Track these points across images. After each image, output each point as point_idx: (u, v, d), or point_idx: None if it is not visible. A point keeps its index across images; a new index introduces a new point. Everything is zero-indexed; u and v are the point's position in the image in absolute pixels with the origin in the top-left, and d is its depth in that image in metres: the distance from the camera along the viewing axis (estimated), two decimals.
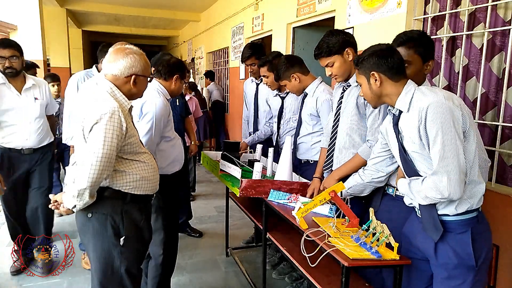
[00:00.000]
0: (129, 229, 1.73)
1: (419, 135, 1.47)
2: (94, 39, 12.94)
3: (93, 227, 1.69)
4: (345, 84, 2.25)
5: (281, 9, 4.88)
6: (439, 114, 1.40)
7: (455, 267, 1.49)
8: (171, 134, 2.42)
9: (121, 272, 1.73)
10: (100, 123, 1.56)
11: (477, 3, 2.40)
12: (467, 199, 1.46)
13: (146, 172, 1.77)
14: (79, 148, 1.67)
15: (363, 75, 1.65)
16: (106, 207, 1.69)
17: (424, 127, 1.44)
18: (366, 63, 1.62)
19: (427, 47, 1.75)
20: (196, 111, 4.97)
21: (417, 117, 1.46)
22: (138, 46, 1.83)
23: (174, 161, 2.39)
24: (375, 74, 1.59)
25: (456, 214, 1.48)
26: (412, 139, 1.51)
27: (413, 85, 1.56)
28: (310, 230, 1.72)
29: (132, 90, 1.75)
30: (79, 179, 1.56)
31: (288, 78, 2.65)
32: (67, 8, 8.31)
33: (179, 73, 2.43)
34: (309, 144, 2.68)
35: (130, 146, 1.70)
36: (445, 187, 1.39)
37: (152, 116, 2.20)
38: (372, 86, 1.61)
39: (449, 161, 1.39)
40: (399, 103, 1.56)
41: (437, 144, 1.41)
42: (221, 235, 3.60)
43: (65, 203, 1.64)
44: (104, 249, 1.70)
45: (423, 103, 1.45)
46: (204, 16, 9.16)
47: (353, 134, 2.15)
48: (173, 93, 2.49)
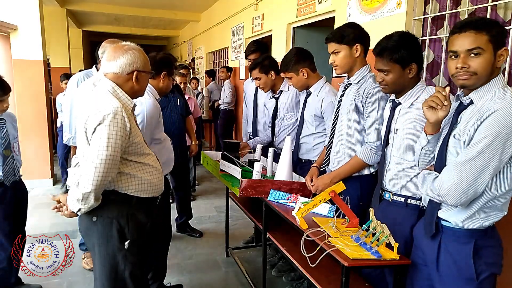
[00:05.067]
0: (134, 232, 1.70)
1: (467, 132, 1.39)
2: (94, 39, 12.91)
3: (98, 231, 1.67)
4: (347, 83, 2.25)
5: (281, 9, 4.88)
6: (497, 125, 1.29)
7: (453, 278, 1.45)
8: (161, 135, 2.37)
9: (125, 276, 1.71)
10: (103, 124, 1.53)
11: (477, 3, 2.40)
12: (479, 220, 1.40)
13: (151, 175, 1.75)
14: (81, 149, 1.65)
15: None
16: (111, 211, 1.66)
17: (476, 128, 1.34)
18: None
19: (407, 52, 1.75)
20: (195, 110, 4.97)
21: (477, 116, 1.36)
22: None
23: (165, 164, 2.32)
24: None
25: (461, 226, 1.43)
26: (460, 135, 1.42)
27: (500, 83, 1.39)
28: (310, 230, 1.72)
29: (135, 87, 1.72)
30: (83, 182, 1.54)
31: (297, 71, 2.58)
32: (67, 8, 8.31)
33: (166, 70, 2.38)
34: (311, 145, 2.67)
35: (135, 146, 1.67)
36: (446, 187, 1.36)
37: (142, 118, 2.15)
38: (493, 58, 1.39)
39: (470, 171, 1.32)
40: (475, 94, 1.41)
41: (474, 148, 1.33)
42: (221, 235, 3.60)
43: (70, 206, 1.62)
44: (108, 253, 1.68)
45: (494, 105, 1.32)
46: (204, 16, 9.16)
47: (351, 134, 2.16)
48: (161, 91, 2.42)
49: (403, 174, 1.82)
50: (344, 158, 2.19)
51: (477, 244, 1.42)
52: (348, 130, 2.16)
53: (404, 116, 1.83)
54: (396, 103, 1.88)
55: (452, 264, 1.45)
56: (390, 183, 1.87)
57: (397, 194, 1.84)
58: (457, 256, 1.44)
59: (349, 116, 2.15)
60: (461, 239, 1.44)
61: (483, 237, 1.43)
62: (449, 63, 1.45)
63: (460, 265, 1.43)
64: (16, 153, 2.56)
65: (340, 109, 2.24)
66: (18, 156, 2.60)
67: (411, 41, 1.79)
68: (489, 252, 1.44)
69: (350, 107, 2.14)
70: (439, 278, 1.50)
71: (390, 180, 1.87)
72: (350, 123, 2.15)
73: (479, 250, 1.42)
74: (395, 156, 1.85)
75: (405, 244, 1.74)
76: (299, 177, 2.51)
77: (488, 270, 1.42)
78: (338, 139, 2.23)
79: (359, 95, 2.11)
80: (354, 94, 2.13)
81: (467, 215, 1.41)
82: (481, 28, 1.36)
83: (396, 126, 1.85)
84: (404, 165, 1.81)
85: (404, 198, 1.81)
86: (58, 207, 1.71)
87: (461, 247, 1.44)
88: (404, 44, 1.76)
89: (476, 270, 1.41)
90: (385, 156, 1.91)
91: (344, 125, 2.19)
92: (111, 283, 1.71)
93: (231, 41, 7.06)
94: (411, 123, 1.78)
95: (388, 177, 1.88)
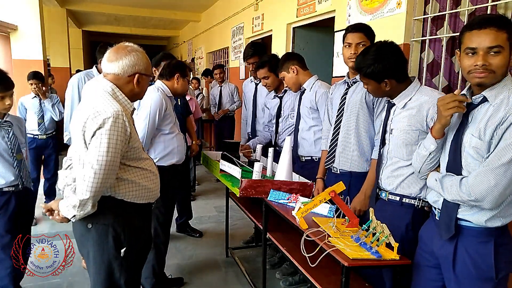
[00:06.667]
0: (130, 240, 1.65)
1: (492, 134, 1.35)
2: (94, 39, 12.93)
3: (93, 239, 1.61)
4: (350, 81, 2.27)
5: (281, 9, 4.88)
6: None
7: (471, 278, 1.42)
8: (170, 128, 2.54)
9: (120, 283, 1.67)
10: (103, 128, 1.47)
11: (477, 3, 2.41)
12: (500, 218, 1.39)
13: (149, 180, 1.71)
14: (77, 151, 1.57)
15: None
16: (107, 218, 1.60)
17: (506, 128, 1.31)
18: None
19: (381, 67, 1.77)
20: (196, 111, 4.96)
21: (502, 115, 1.32)
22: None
23: (172, 153, 2.52)
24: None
25: (483, 225, 1.41)
26: (480, 134, 1.38)
27: (511, 80, 1.39)
28: (310, 230, 1.72)
29: (135, 90, 1.66)
30: (81, 188, 1.47)
31: (287, 69, 2.74)
32: (67, 8, 8.30)
33: (179, 72, 2.64)
34: (312, 140, 2.69)
35: (134, 151, 1.63)
36: (482, 191, 1.33)
37: (148, 111, 2.35)
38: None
39: (507, 174, 1.31)
40: (489, 92, 1.39)
41: (507, 152, 1.30)
42: (221, 235, 3.60)
43: (63, 211, 1.54)
44: (104, 261, 1.63)
45: None
46: (204, 16, 9.16)
47: (360, 132, 2.18)
48: (177, 91, 2.67)
49: (398, 173, 1.83)
50: (353, 155, 2.21)
51: (496, 242, 1.40)
52: (357, 127, 2.19)
53: (398, 116, 1.85)
54: (391, 104, 1.90)
55: (471, 264, 1.42)
56: (386, 182, 1.88)
57: (392, 193, 1.85)
58: (476, 255, 1.42)
59: (358, 113, 2.18)
60: (481, 238, 1.42)
61: (500, 235, 1.42)
62: (464, 60, 1.41)
63: (479, 264, 1.41)
64: (24, 159, 2.45)
65: (346, 107, 2.26)
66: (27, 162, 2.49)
67: (389, 53, 1.79)
68: (506, 250, 1.42)
69: (359, 105, 2.18)
70: (455, 279, 1.46)
71: (386, 179, 1.88)
72: (358, 120, 2.18)
73: (498, 249, 1.40)
74: (391, 156, 1.87)
75: (401, 243, 1.73)
76: (299, 177, 2.51)
77: (506, 269, 1.41)
78: (344, 137, 2.25)
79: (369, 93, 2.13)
80: (364, 92, 2.15)
81: (491, 214, 1.39)
82: (503, 25, 1.32)
83: (391, 126, 1.87)
84: (399, 164, 1.83)
85: (399, 197, 1.82)
86: (49, 213, 1.63)
87: (481, 246, 1.42)
88: (378, 59, 1.78)
89: (496, 269, 1.39)
90: (381, 156, 1.93)
91: (352, 122, 2.21)
92: None
93: (231, 41, 7.06)
94: (404, 122, 1.80)
95: (384, 176, 1.89)
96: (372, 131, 2.18)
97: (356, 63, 1.89)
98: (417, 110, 1.77)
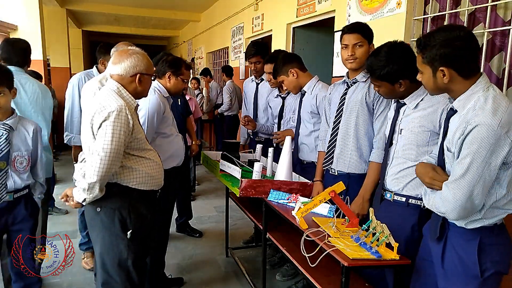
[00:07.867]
0: (135, 223, 1.82)
1: (455, 144, 1.40)
2: (94, 39, 12.92)
3: (102, 221, 1.79)
4: (350, 81, 2.25)
5: (281, 9, 4.88)
6: (479, 141, 1.30)
7: (458, 275, 1.46)
8: (169, 130, 2.48)
9: (128, 265, 1.82)
10: (108, 120, 1.66)
11: (477, 3, 2.41)
12: (482, 219, 1.41)
13: (152, 168, 1.86)
14: (87, 144, 1.76)
15: (427, 66, 1.45)
16: (114, 202, 1.78)
17: (462, 141, 1.36)
18: (433, 53, 1.41)
19: (395, 67, 1.77)
20: (196, 111, 4.96)
21: (462, 127, 1.36)
22: (138, 46, 1.91)
23: (172, 156, 2.48)
24: (444, 70, 1.40)
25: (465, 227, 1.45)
26: (449, 146, 1.46)
27: (481, 87, 1.39)
28: (310, 230, 1.72)
29: (138, 88, 1.84)
30: (89, 173, 1.66)
31: (286, 73, 2.69)
32: (67, 8, 8.30)
33: (171, 71, 2.49)
34: (313, 146, 2.67)
35: (137, 142, 1.80)
36: (445, 205, 1.40)
37: (145, 113, 2.30)
38: (438, 81, 1.45)
39: (462, 188, 1.35)
40: (458, 103, 1.44)
41: (462, 164, 1.35)
42: (221, 235, 3.60)
43: (75, 196, 1.74)
44: (112, 242, 1.80)
45: (475, 118, 1.32)
46: (204, 16, 9.16)
47: (359, 133, 2.16)
48: (170, 90, 2.55)
49: (405, 174, 1.82)
50: (351, 156, 2.20)
51: (483, 241, 1.43)
52: (356, 128, 2.17)
53: (409, 117, 1.84)
54: (401, 104, 1.89)
55: (458, 260, 1.46)
56: (391, 183, 1.87)
57: (398, 194, 1.84)
58: (462, 253, 1.45)
59: (358, 114, 2.16)
60: (466, 236, 1.45)
61: (489, 235, 1.43)
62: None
63: (465, 261, 1.44)
64: (20, 170, 2.09)
65: (345, 107, 2.24)
66: (23, 175, 2.11)
67: (401, 53, 1.79)
68: (495, 250, 1.44)
69: (359, 105, 2.15)
70: (444, 275, 1.51)
71: (391, 180, 1.87)
72: (358, 121, 2.16)
73: (485, 248, 1.43)
74: (398, 156, 1.86)
75: (406, 244, 1.74)
76: (299, 177, 2.51)
77: (493, 268, 1.42)
78: (343, 137, 2.23)
79: (370, 94, 2.13)
80: (364, 93, 2.14)
81: (471, 219, 1.42)
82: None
83: (401, 126, 1.86)
84: (406, 164, 1.82)
85: (406, 198, 1.82)
86: (66, 198, 1.82)
87: (466, 244, 1.45)
88: (391, 59, 1.77)
89: (480, 267, 1.41)
90: (387, 156, 1.92)
91: (351, 122, 2.19)
92: (115, 271, 1.81)
93: (231, 41, 7.06)
94: (416, 123, 1.79)
95: (390, 177, 1.88)
96: (371, 133, 2.16)
97: (367, 65, 1.87)
98: (432, 110, 1.76)
